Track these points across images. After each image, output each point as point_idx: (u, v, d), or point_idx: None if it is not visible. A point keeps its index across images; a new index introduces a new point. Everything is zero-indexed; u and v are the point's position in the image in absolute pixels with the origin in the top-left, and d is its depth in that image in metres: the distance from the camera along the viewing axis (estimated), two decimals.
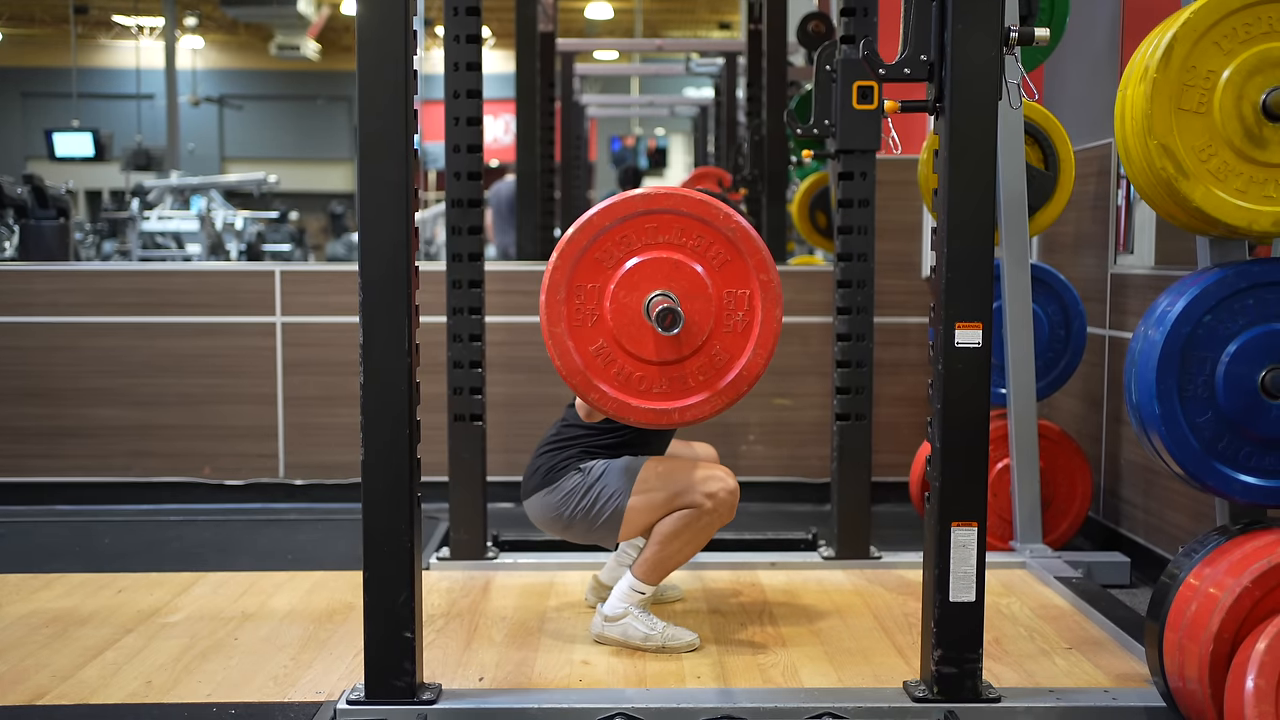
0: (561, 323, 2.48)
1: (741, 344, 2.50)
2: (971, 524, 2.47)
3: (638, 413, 2.50)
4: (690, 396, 2.50)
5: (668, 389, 2.50)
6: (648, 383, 2.49)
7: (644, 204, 2.49)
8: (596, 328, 2.49)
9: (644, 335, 2.48)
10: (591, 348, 2.49)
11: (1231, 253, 2.47)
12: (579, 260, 2.48)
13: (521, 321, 4.78)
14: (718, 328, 2.50)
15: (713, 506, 2.85)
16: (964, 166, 2.44)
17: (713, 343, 2.50)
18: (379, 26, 2.37)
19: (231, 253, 13.04)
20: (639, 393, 2.49)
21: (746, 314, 2.50)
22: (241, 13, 18.99)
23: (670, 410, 2.50)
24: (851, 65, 3.41)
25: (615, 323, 2.47)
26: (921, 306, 4.81)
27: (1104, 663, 2.85)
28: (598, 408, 2.52)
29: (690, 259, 2.48)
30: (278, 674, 2.78)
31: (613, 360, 2.49)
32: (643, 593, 2.94)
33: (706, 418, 2.53)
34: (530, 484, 3.03)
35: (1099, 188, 4.23)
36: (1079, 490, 4.01)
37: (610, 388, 2.49)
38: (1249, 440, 2.36)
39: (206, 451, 4.84)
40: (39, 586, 3.49)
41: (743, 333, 2.50)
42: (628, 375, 2.49)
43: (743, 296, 2.49)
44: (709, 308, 2.49)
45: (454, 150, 3.57)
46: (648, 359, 2.48)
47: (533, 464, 3.05)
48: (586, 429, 2.99)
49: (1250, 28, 2.29)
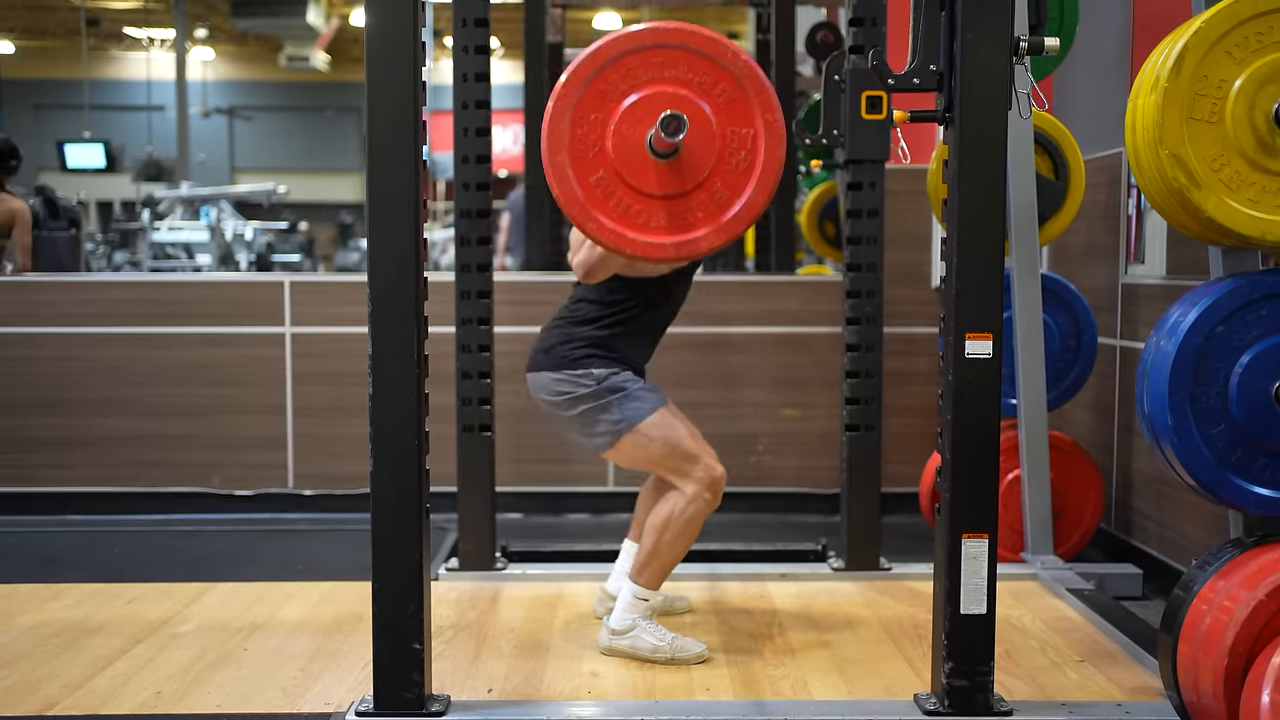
0: (563, 151, 2.42)
1: (743, 182, 2.45)
2: (982, 535, 2.46)
3: (634, 245, 2.45)
4: (690, 232, 2.45)
5: (667, 223, 2.45)
6: (646, 216, 2.44)
7: (652, 38, 2.43)
8: (598, 159, 2.43)
9: (646, 168, 2.43)
10: (592, 178, 2.43)
11: (1244, 263, 2.45)
12: (584, 91, 2.42)
13: (530, 332, 4.74)
14: (720, 165, 2.44)
15: (694, 493, 2.88)
16: (974, 176, 2.44)
17: (714, 179, 2.44)
18: (388, 38, 2.37)
19: (241, 263, 13.09)
20: (637, 226, 2.45)
21: (749, 153, 2.45)
22: (251, 24, 19.09)
23: (666, 244, 2.45)
24: (860, 75, 3.41)
25: (617, 155, 2.42)
26: (931, 317, 4.80)
27: (1117, 676, 2.83)
28: (594, 238, 2.46)
29: (696, 95, 2.43)
30: (287, 685, 2.77)
31: (612, 192, 2.44)
32: (646, 599, 2.93)
33: (703, 253, 2.49)
34: (540, 359, 3.02)
35: (1109, 197, 4.21)
36: (1090, 501, 3.99)
37: (608, 219, 2.44)
38: (1263, 452, 2.35)
39: (216, 462, 4.84)
40: (49, 597, 3.49)
41: (745, 171, 2.45)
42: (626, 207, 2.44)
43: (746, 135, 2.44)
44: (712, 145, 2.44)
45: (463, 161, 3.58)
46: (648, 192, 2.43)
47: (546, 336, 3.04)
48: (597, 304, 2.98)
49: (1262, 37, 2.28)
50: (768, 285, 5.01)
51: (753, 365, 4.85)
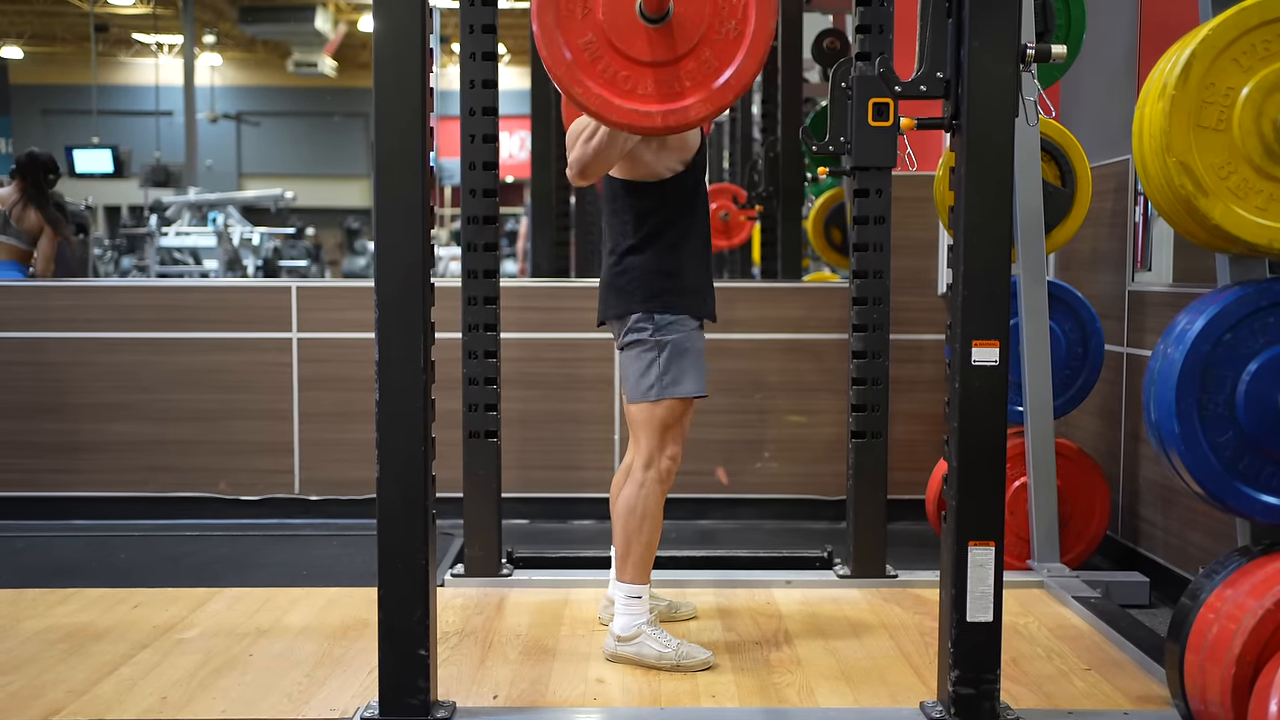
0: (550, 13, 2.38)
1: (733, 50, 2.40)
2: (989, 543, 2.46)
3: (621, 112, 2.40)
4: (679, 100, 2.40)
5: (655, 91, 2.40)
6: (634, 83, 2.39)
7: None
8: (586, 21, 2.38)
9: (635, 33, 2.38)
10: (580, 41, 2.38)
11: (1251, 270, 2.45)
12: None
13: (536, 338, 4.78)
14: (710, 33, 2.39)
15: (644, 478, 2.93)
16: (980, 184, 2.43)
17: (704, 48, 2.39)
18: (396, 44, 2.38)
19: (248, 268, 13.11)
20: (624, 93, 2.40)
21: (740, 22, 2.40)
22: (259, 30, 19.17)
23: (654, 113, 2.40)
24: (867, 82, 3.40)
25: (606, 18, 2.37)
26: (938, 323, 4.79)
27: (1123, 684, 2.82)
28: (580, 104, 2.42)
29: None
30: (292, 691, 2.77)
31: (600, 56, 2.39)
32: (638, 596, 2.94)
33: (692, 123, 2.44)
34: (606, 303, 3.03)
35: (1116, 204, 4.21)
36: (1097, 509, 3.98)
37: (595, 84, 2.39)
38: (1270, 460, 2.34)
39: (222, 467, 4.85)
40: (55, 601, 3.50)
41: (735, 40, 2.40)
42: (614, 73, 2.39)
43: (737, 4, 2.39)
44: (702, 11, 2.38)
45: (470, 167, 3.59)
46: (637, 58, 2.38)
47: (611, 268, 3.01)
48: (631, 219, 2.96)
49: (1270, 45, 2.28)
50: (774, 291, 5.01)
51: (759, 371, 4.85)
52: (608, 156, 2.85)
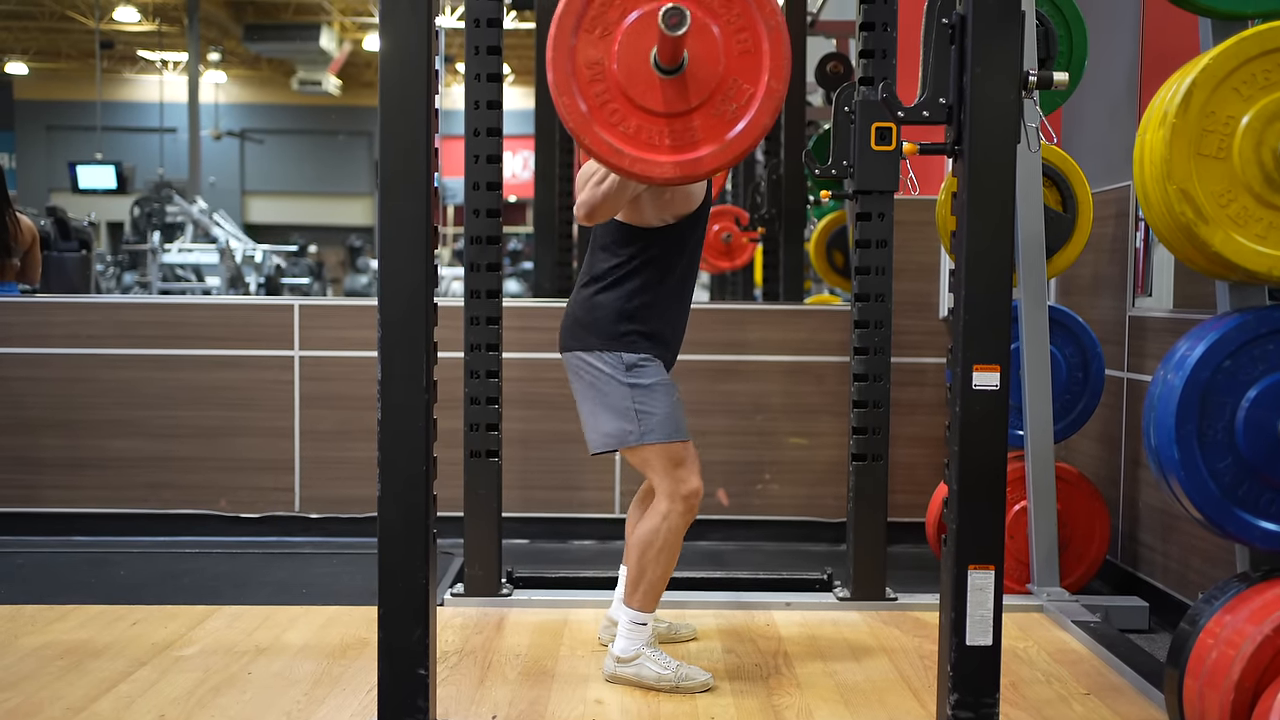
0: (567, 62, 2.35)
1: (746, 103, 2.40)
2: (989, 567, 2.46)
3: (634, 162, 2.40)
4: (693, 151, 2.39)
5: (669, 141, 2.39)
6: (648, 134, 2.39)
7: None
8: (602, 73, 2.37)
9: (650, 85, 2.37)
10: (595, 91, 2.37)
11: (1251, 297, 2.46)
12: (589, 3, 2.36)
13: (538, 358, 4.79)
14: (723, 85, 2.38)
15: (667, 509, 2.88)
16: (982, 209, 2.45)
17: (717, 100, 2.39)
18: (402, 65, 2.39)
19: (251, 285, 13.14)
20: (639, 143, 2.39)
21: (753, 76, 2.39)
22: (264, 48, 19.26)
23: (665, 164, 2.40)
24: (870, 106, 3.41)
25: (621, 69, 2.36)
26: (939, 347, 4.80)
27: (1122, 709, 2.82)
28: (592, 152, 2.42)
29: (706, 16, 2.37)
30: (291, 710, 2.77)
31: (615, 109, 2.38)
32: (643, 623, 2.93)
33: (706, 173, 2.43)
34: (571, 334, 2.99)
35: (1117, 230, 4.23)
36: (1097, 533, 3.98)
37: (609, 135, 2.38)
38: (1269, 487, 2.35)
39: (223, 484, 4.85)
40: (54, 618, 3.49)
41: (748, 93, 2.40)
42: (628, 124, 2.39)
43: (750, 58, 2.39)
44: (716, 64, 2.38)
45: (473, 188, 3.60)
46: (651, 109, 2.37)
47: (582, 301, 2.99)
48: (614, 256, 2.95)
49: (1270, 74, 2.30)
50: (776, 314, 5.02)
51: (760, 393, 4.85)
52: (616, 202, 2.86)
